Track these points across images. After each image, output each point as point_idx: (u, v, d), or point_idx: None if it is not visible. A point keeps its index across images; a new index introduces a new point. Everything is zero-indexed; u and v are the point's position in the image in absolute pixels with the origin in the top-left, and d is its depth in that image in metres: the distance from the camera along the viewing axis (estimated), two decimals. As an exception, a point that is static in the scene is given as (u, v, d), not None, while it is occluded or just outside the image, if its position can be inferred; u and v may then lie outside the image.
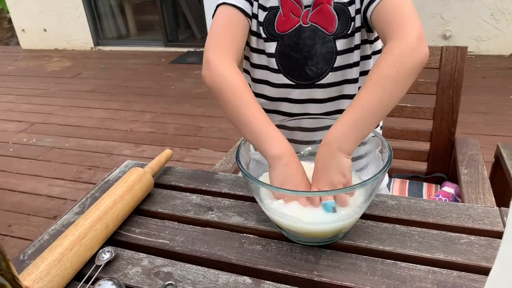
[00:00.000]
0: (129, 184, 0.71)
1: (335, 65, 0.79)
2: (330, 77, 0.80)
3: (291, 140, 0.67)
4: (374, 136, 0.65)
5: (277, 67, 0.82)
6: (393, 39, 0.64)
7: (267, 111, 0.85)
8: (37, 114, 3.22)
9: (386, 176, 1.05)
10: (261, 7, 0.80)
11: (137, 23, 5.30)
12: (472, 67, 3.35)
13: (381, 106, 0.61)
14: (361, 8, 0.75)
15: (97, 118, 3.06)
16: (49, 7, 4.94)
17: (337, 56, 0.79)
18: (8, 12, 5.64)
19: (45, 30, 5.14)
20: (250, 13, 0.79)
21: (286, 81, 0.82)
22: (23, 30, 5.24)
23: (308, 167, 0.69)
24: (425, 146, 1.16)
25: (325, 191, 0.59)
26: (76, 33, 5.02)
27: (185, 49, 4.64)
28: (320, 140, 0.63)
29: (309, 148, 0.74)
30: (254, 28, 0.81)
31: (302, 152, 0.74)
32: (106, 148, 2.60)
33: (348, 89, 0.82)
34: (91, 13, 4.93)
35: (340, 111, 0.84)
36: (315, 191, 0.61)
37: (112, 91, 3.61)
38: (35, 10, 5.02)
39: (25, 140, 2.80)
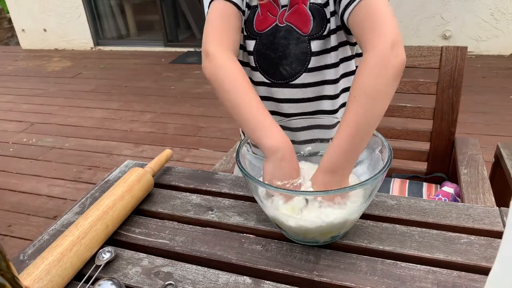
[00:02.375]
0: (129, 184, 0.71)
1: (309, 66, 0.79)
2: (305, 78, 0.80)
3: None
4: (374, 136, 0.65)
5: (254, 65, 0.83)
6: (368, 50, 0.64)
7: None
8: (37, 114, 3.22)
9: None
10: (247, 5, 0.80)
11: (137, 23, 5.30)
12: (472, 67, 3.35)
13: (370, 120, 0.62)
14: (338, 12, 0.74)
15: (97, 118, 3.06)
16: (49, 7, 4.94)
17: (312, 57, 0.78)
18: (8, 12, 5.64)
19: (45, 30, 5.13)
20: (242, 7, 0.80)
21: (263, 79, 0.83)
22: (23, 30, 5.24)
23: (307, 166, 0.69)
24: (425, 146, 1.16)
25: (323, 191, 0.59)
26: (76, 33, 5.02)
27: (185, 49, 4.64)
28: (300, 142, 0.64)
29: (309, 148, 0.74)
30: (242, 25, 0.82)
31: (302, 152, 0.74)
32: (106, 148, 2.60)
33: (327, 89, 0.81)
34: (91, 13, 4.92)
35: (319, 112, 0.83)
36: (313, 191, 0.61)
37: (112, 91, 3.61)
38: (35, 10, 5.02)
39: (25, 140, 2.80)
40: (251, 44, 0.82)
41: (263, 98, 0.84)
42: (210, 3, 0.79)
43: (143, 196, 0.74)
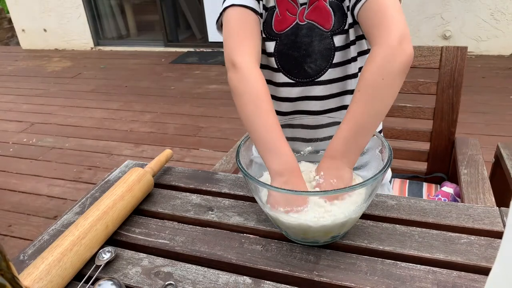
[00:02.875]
0: (129, 184, 0.71)
1: (334, 61, 0.79)
2: (330, 74, 0.80)
3: (295, 139, 0.67)
4: (373, 136, 0.65)
5: (276, 66, 0.82)
6: (375, 44, 0.66)
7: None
8: (37, 114, 3.22)
9: (389, 171, 1.05)
10: (264, 7, 0.80)
11: (137, 23, 5.30)
12: (472, 67, 3.35)
13: (374, 115, 0.64)
14: (349, 6, 0.76)
15: (97, 118, 3.06)
16: (49, 7, 4.94)
17: (336, 52, 0.79)
18: (8, 12, 5.64)
19: (45, 30, 5.13)
20: (260, 11, 0.79)
21: (286, 79, 0.83)
22: (23, 30, 5.24)
23: (306, 167, 0.69)
24: (425, 146, 1.16)
25: (323, 191, 0.59)
26: (76, 33, 5.02)
27: (185, 49, 4.64)
28: (324, 138, 0.64)
29: (309, 148, 0.74)
30: (260, 28, 0.82)
31: (302, 152, 0.74)
32: (106, 148, 2.60)
33: (350, 84, 0.82)
34: (91, 13, 4.92)
35: (343, 107, 0.84)
36: (314, 191, 0.61)
37: (112, 91, 3.61)
38: (35, 10, 5.01)
39: (25, 140, 2.80)
40: (271, 46, 0.81)
41: (286, 99, 0.84)
42: (224, 9, 0.77)
43: (143, 196, 0.74)
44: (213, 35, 4.52)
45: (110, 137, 2.75)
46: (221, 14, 0.79)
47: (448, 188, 1.03)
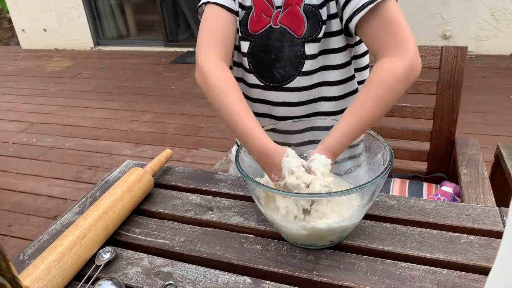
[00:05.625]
0: (129, 184, 0.71)
1: (303, 69, 0.77)
2: (298, 81, 0.78)
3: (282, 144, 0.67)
4: (376, 140, 0.65)
5: (248, 67, 0.82)
6: (393, 56, 0.67)
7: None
8: (37, 114, 3.22)
9: None
10: (240, 5, 0.79)
11: (137, 23, 5.29)
12: (472, 67, 3.35)
13: (377, 118, 0.66)
14: (342, 16, 0.73)
15: (97, 118, 3.06)
16: (49, 7, 4.94)
17: (306, 60, 0.77)
18: (8, 12, 5.64)
19: (45, 30, 5.13)
20: (235, 9, 0.79)
21: (257, 81, 0.82)
22: (23, 30, 5.24)
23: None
24: (425, 146, 1.16)
25: (319, 193, 0.58)
26: (76, 33, 5.02)
27: (185, 49, 4.63)
28: (296, 144, 0.67)
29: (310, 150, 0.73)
30: (237, 26, 0.81)
31: (305, 154, 0.73)
32: (106, 148, 2.60)
33: (327, 91, 0.80)
34: (91, 13, 4.92)
35: (316, 114, 0.82)
36: (310, 193, 0.61)
37: (112, 91, 3.60)
38: (35, 10, 5.01)
39: (25, 140, 2.80)
40: (245, 46, 0.81)
41: (257, 100, 0.84)
42: (199, 6, 0.80)
43: (143, 196, 0.74)
44: (213, 35, 4.50)
45: (110, 137, 2.74)
46: (200, 2, 0.81)
47: (448, 188, 1.03)
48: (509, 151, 0.99)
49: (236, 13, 0.79)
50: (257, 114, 0.84)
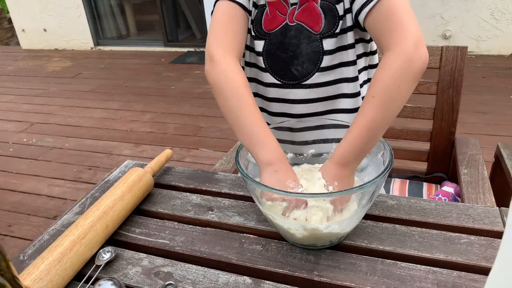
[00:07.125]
0: (129, 184, 0.71)
1: (321, 65, 0.77)
2: (317, 78, 0.78)
3: (281, 141, 0.67)
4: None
5: (264, 66, 0.81)
6: (389, 50, 0.64)
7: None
8: (37, 114, 3.22)
9: None
10: (254, 4, 0.79)
11: (137, 23, 5.29)
12: (472, 67, 3.35)
13: (387, 121, 0.64)
14: (352, 10, 0.73)
15: (97, 118, 3.06)
16: (49, 7, 4.94)
17: (324, 56, 0.76)
18: (8, 12, 5.64)
19: (45, 30, 5.13)
20: (248, 8, 0.78)
21: (274, 80, 0.81)
22: (23, 30, 5.24)
23: (306, 168, 0.69)
24: (425, 146, 1.16)
25: (320, 193, 0.58)
26: (76, 33, 5.02)
27: (185, 49, 4.64)
28: (314, 141, 0.65)
29: (311, 150, 0.73)
30: (249, 25, 0.81)
31: (305, 154, 0.73)
32: (106, 148, 2.60)
33: (345, 88, 0.80)
34: (91, 13, 4.92)
35: (334, 111, 0.81)
36: (311, 193, 0.61)
37: (112, 91, 3.60)
38: (35, 10, 5.01)
39: (25, 140, 2.80)
40: (259, 45, 0.80)
41: (273, 99, 0.83)
42: (215, 2, 0.78)
43: (143, 196, 0.74)
44: (213, 35, 4.50)
45: (110, 137, 2.74)
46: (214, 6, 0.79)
47: (449, 188, 1.03)
48: (509, 151, 0.99)
49: (249, 12, 0.79)
50: (273, 114, 0.85)
